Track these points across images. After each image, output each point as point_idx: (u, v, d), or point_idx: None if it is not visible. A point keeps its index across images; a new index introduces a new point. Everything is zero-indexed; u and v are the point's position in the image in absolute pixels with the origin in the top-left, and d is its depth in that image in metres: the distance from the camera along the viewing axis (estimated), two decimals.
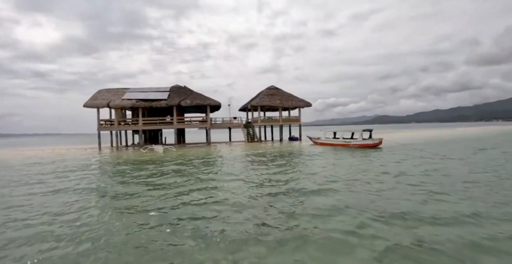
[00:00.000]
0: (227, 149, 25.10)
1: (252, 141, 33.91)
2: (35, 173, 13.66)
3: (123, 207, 7.25)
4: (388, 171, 11.33)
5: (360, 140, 23.71)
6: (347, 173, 11.06)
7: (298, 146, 26.96)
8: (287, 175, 11.02)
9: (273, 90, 36.00)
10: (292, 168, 13.23)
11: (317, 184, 9.16)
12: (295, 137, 35.97)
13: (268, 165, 14.17)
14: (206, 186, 9.34)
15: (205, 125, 32.22)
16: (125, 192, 8.92)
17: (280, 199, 7.50)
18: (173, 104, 30.16)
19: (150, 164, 16.03)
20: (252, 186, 9.15)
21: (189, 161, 16.81)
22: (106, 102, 30.05)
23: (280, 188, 8.78)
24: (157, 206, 7.13)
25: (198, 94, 32.33)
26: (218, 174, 11.88)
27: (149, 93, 31.53)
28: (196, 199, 7.75)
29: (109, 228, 5.73)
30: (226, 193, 8.30)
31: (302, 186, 8.99)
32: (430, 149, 20.02)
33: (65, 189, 9.60)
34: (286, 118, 35.57)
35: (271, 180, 10.09)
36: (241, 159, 17.12)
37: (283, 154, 19.98)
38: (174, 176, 11.51)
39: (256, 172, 11.93)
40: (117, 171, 13.93)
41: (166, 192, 8.60)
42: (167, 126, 31.47)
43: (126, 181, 10.95)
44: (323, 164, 14.01)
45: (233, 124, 35.47)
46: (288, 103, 34.26)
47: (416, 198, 7.18)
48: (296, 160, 16.25)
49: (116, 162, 17.96)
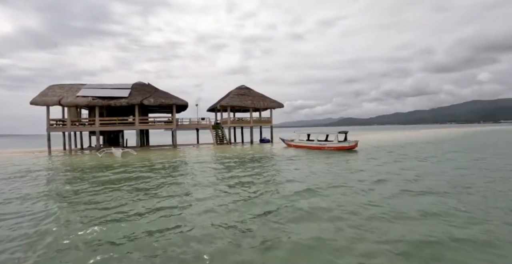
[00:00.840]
0: (194, 153, 23.12)
1: (221, 143, 32.08)
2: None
3: (38, 233, 5.27)
4: (369, 178, 10.19)
5: (335, 142, 22.82)
6: (327, 181, 9.73)
7: (270, 149, 25.63)
8: (259, 185, 9.46)
9: (244, 90, 34.43)
10: (265, 175, 11.74)
11: (294, 195, 7.76)
12: (266, 139, 34.68)
13: (238, 172, 12.55)
14: (158, 206, 7.45)
15: (170, 126, 29.90)
16: (52, 212, 6.86)
17: (255, 222, 5.92)
18: (135, 103, 27.54)
19: (102, 171, 13.76)
20: (218, 206, 7.32)
21: (149, 168, 14.71)
22: (57, 99, 26.78)
23: (252, 206, 7.14)
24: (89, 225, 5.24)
25: (163, 93, 29.94)
26: (180, 186, 9.94)
27: (108, 90, 28.62)
28: (143, 225, 5.93)
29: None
30: (184, 214, 6.57)
31: (277, 198, 7.60)
32: (406, 151, 19.55)
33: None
34: (257, 119, 34.15)
35: (240, 194, 8.46)
36: (208, 165, 15.31)
37: (254, 158, 18.47)
38: (125, 188, 9.49)
39: (224, 183, 10.23)
40: (56, 181, 11.58)
41: (105, 214, 6.66)
42: (128, 127, 28.70)
43: (61, 195, 8.77)
44: (299, 170, 12.65)
45: (201, 125, 33.41)
46: (260, 103, 32.86)
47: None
48: (269, 165, 14.81)
49: (61, 169, 15.39)
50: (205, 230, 5.45)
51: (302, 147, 25.27)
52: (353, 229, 5.33)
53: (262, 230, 5.40)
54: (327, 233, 5.19)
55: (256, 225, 5.68)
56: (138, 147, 28.70)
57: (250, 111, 34.15)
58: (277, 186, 9.39)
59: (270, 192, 8.43)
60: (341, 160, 15.94)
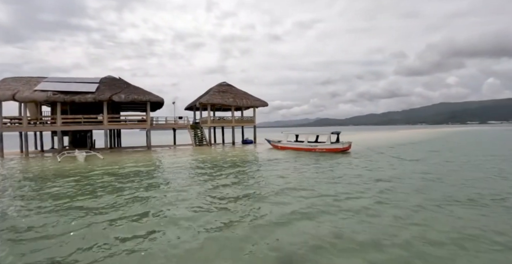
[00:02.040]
0: (170, 156, 20.51)
1: (200, 144, 29.54)
2: None
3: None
4: (373, 187, 8.36)
5: (327, 144, 21.03)
6: (320, 197, 7.73)
7: (254, 151, 23.51)
8: (239, 203, 7.33)
9: (225, 86, 32.04)
10: (249, 183, 9.76)
11: (276, 226, 5.69)
12: (249, 140, 32.48)
13: (217, 181, 10.31)
14: (111, 237, 5.15)
15: (144, 126, 27.01)
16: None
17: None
18: (103, 99, 24.44)
19: (52, 181, 11.04)
20: (195, 226, 5.36)
21: (112, 176, 12.10)
22: (10, 93, 23.15)
23: (235, 228, 5.19)
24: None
25: (136, 88, 26.99)
26: (145, 204, 7.53)
27: (72, 84, 25.29)
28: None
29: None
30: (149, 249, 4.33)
31: (264, 214, 6.05)
32: (401, 153, 18.11)
33: None
34: (239, 119, 31.86)
35: (219, 213, 6.39)
36: (185, 171, 12.95)
37: (237, 161, 16.29)
38: (74, 206, 7.03)
39: (203, 196, 8.04)
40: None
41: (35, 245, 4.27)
42: (95, 126, 25.45)
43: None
44: (285, 179, 10.55)
45: (178, 125, 30.70)
46: (243, 101, 30.58)
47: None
48: (254, 171, 12.79)
49: (4, 178, 12.44)
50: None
51: (290, 148, 23.32)
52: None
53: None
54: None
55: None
56: (107, 149, 25.60)
57: (231, 110, 31.83)
58: (257, 208, 6.96)
59: (249, 217, 6.23)
60: (336, 165, 14.06)
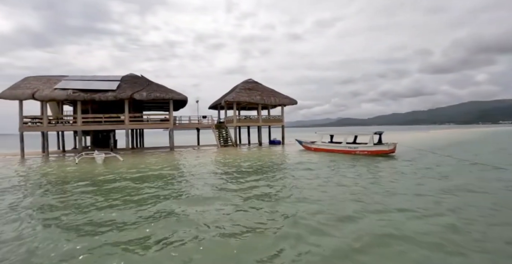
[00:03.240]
0: (194, 158, 18.64)
1: (225, 145, 27.71)
2: None
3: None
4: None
5: (370, 145, 18.54)
6: (380, 207, 5.41)
7: (284, 153, 21.30)
8: (271, 226, 5.20)
9: (251, 84, 30.03)
10: (282, 196, 7.65)
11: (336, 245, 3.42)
12: (277, 140, 30.31)
13: (247, 191, 8.19)
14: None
15: (167, 125, 25.44)
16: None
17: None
18: (124, 97, 23.03)
19: (62, 186, 9.34)
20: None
21: (130, 181, 10.26)
22: (30, 92, 22.21)
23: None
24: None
25: (158, 86, 25.47)
26: (161, 225, 5.56)
27: (92, 82, 24.09)
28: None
29: None
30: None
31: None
32: (459, 155, 15.31)
33: None
34: (266, 118, 29.76)
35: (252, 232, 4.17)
36: (210, 178, 10.95)
37: (266, 166, 14.13)
38: (81, 222, 5.13)
39: (231, 214, 5.95)
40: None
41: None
42: (117, 126, 24.13)
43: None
44: (325, 193, 8.11)
45: (202, 124, 29.04)
46: (271, 99, 28.45)
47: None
48: (286, 178, 10.63)
49: (11, 183, 10.91)
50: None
51: (326, 150, 20.97)
52: None
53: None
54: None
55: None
56: (128, 150, 24.25)
57: (257, 109, 29.83)
58: (294, 235, 4.92)
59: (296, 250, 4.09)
60: (386, 170, 11.60)
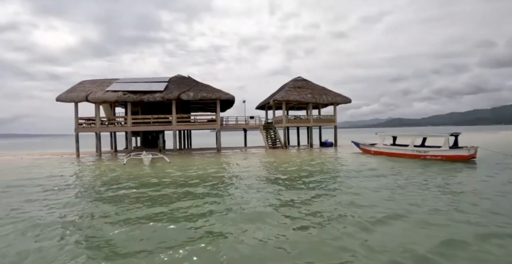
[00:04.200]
0: (241, 161, 17.29)
1: (274, 147, 26.16)
2: None
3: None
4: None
5: (444, 149, 15.66)
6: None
7: (338, 156, 19.06)
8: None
9: (301, 82, 28.11)
10: (338, 214, 5.59)
11: None
12: (329, 142, 28.01)
13: (300, 206, 6.35)
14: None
15: (214, 126, 24.57)
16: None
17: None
18: (171, 98, 22.57)
19: (102, 188, 8.42)
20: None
21: (173, 188, 9.04)
22: (84, 95, 22.75)
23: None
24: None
25: (205, 86, 24.73)
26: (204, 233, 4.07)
27: (141, 84, 24.09)
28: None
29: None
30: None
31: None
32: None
33: None
34: (318, 118, 27.62)
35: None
36: (258, 185, 9.32)
37: (319, 171, 12.10)
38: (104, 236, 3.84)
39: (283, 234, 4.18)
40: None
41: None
42: (164, 126, 23.81)
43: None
44: (397, 201, 5.94)
45: (249, 125, 27.84)
46: (322, 98, 26.28)
47: None
48: (342, 188, 8.49)
49: (46, 182, 10.36)
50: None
51: (389, 154, 18.38)
52: None
53: None
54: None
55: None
56: (175, 151, 23.81)
57: (308, 108, 27.84)
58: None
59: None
60: (472, 182, 8.96)
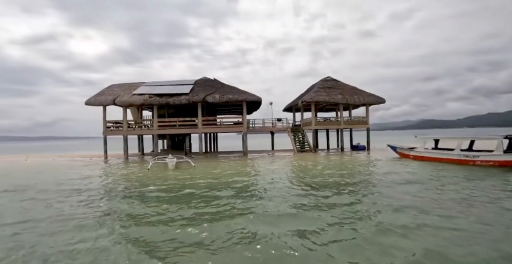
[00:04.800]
0: (268, 166, 16.27)
1: (302, 150, 24.97)
2: None
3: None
4: None
5: (498, 153, 13.81)
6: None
7: (372, 161, 17.49)
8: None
9: (330, 82, 26.74)
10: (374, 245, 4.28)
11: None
12: (361, 145, 26.40)
13: (337, 219, 5.24)
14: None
15: (240, 129, 23.83)
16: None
17: None
18: (197, 100, 22.10)
19: (116, 196, 7.80)
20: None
21: (195, 194, 8.27)
22: (112, 98, 22.89)
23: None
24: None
25: (231, 87, 24.08)
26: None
27: (167, 87, 23.87)
28: None
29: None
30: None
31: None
32: None
33: None
34: (349, 120, 26.11)
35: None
36: (286, 194, 8.28)
37: (351, 180, 10.71)
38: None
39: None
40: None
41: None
42: (190, 129, 23.40)
43: None
44: (456, 225, 4.70)
45: (276, 128, 26.85)
46: (354, 98, 24.76)
47: None
48: (386, 198, 7.12)
49: (62, 185, 9.96)
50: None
51: (431, 159, 16.67)
52: None
53: None
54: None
55: None
56: (201, 154, 23.31)
57: (339, 109, 26.44)
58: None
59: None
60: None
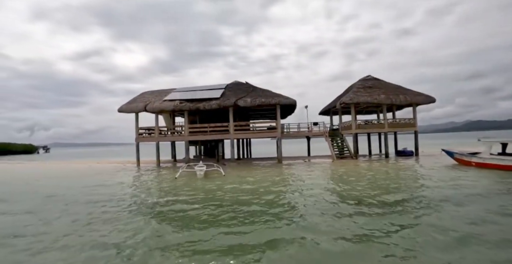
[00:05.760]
0: (305, 175, 14.53)
1: (342, 156, 22.93)
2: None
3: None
4: None
5: None
6: None
7: (427, 169, 14.99)
8: None
9: (371, 81, 24.47)
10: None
11: None
12: (408, 151, 23.74)
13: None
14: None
15: (273, 134, 22.36)
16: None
17: None
18: (228, 105, 21.03)
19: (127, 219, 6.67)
20: None
21: (221, 207, 6.90)
22: (143, 105, 22.58)
23: None
24: None
25: (264, 91, 22.75)
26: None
27: (197, 92, 23.12)
28: None
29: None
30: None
31: None
32: None
33: None
34: (393, 122, 23.64)
35: None
36: (326, 208, 6.55)
37: (411, 192, 8.67)
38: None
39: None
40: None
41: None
42: (221, 135, 22.35)
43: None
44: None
45: (313, 132, 25.07)
46: (399, 98, 22.26)
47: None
48: (451, 216, 5.20)
49: (85, 195, 9.08)
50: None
51: (499, 167, 14.00)
52: None
53: None
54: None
55: None
56: (233, 161, 22.14)
57: (381, 110, 24.12)
58: None
59: None
60: None
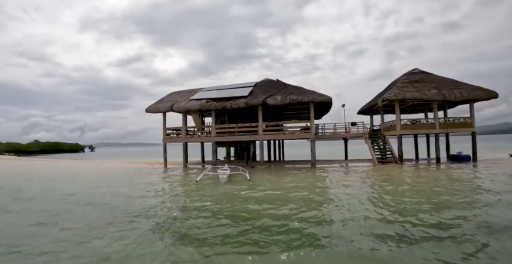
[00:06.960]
0: (342, 183, 12.37)
1: (384, 161, 20.36)
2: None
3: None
4: None
5: None
6: None
7: (492, 179, 12.12)
8: None
9: (419, 74, 21.52)
10: None
11: None
12: (464, 155, 20.51)
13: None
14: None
15: (307, 135, 20.43)
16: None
17: None
18: (256, 103, 19.47)
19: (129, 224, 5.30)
20: None
21: (229, 233, 5.28)
22: (169, 104, 21.80)
23: None
24: None
25: (296, 88, 20.90)
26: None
27: (225, 91, 21.88)
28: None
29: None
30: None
31: None
32: None
33: None
34: (445, 121, 20.58)
35: None
36: (368, 230, 4.52)
37: (477, 211, 6.45)
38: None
39: None
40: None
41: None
42: (250, 136, 20.82)
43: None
44: None
45: (351, 133, 22.73)
46: (454, 93, 19.15)
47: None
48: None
49: (91, 197, 7.93)
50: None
51: None
52: None
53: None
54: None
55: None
56: (263, 164, 20.55)
57: (431, 108, 21.18)
58: None
59: None
60: None
